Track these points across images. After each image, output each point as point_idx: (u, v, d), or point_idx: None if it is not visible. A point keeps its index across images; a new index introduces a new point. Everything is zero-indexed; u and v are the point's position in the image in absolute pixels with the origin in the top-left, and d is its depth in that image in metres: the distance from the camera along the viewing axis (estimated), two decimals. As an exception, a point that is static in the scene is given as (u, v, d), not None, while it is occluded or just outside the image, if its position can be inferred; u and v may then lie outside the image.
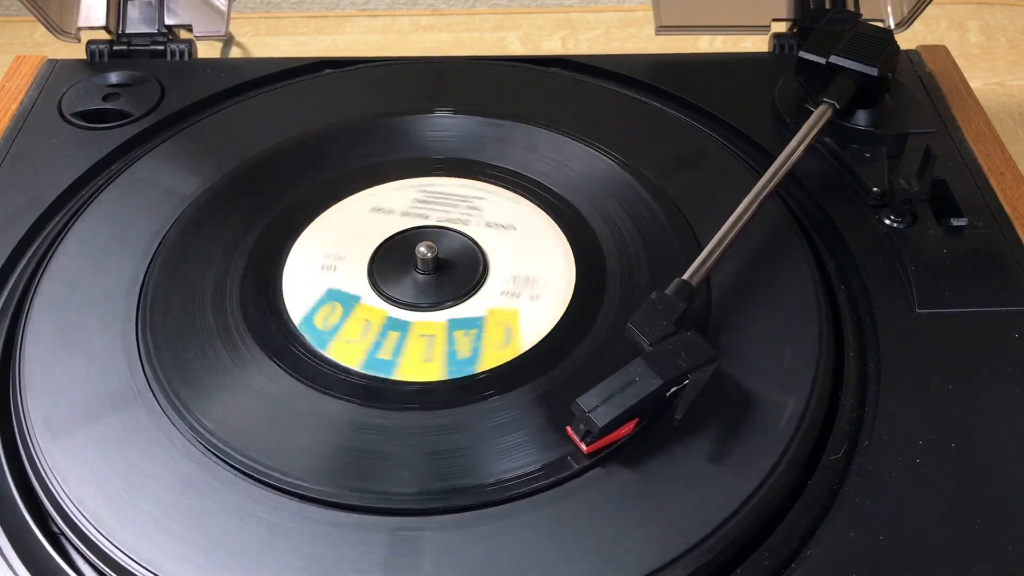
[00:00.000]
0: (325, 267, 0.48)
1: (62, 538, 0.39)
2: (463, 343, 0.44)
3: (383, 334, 0.45)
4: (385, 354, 0.44)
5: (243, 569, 0.36)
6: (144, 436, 0.40)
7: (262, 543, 0.37)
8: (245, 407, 0.41)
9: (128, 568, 0.36)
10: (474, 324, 0.45)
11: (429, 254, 0.47)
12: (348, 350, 0.44)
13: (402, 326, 0.45)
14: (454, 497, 0.38)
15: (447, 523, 0.37)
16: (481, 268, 0.48)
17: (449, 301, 0.46)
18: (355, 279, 0.47)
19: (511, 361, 0.43)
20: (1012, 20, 0.86)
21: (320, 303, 0.46)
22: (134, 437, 0.40)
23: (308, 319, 0.46)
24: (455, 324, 0.45)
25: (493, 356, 0.43)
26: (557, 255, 0.48)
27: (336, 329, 0.45)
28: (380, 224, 0.50)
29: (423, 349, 0.44)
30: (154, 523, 0.37)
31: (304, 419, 0.41)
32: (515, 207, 0.51)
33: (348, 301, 0.46)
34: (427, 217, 0.50)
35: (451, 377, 0.43)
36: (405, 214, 0.51)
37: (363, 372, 0.43)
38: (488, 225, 0.50)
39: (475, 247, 0.49)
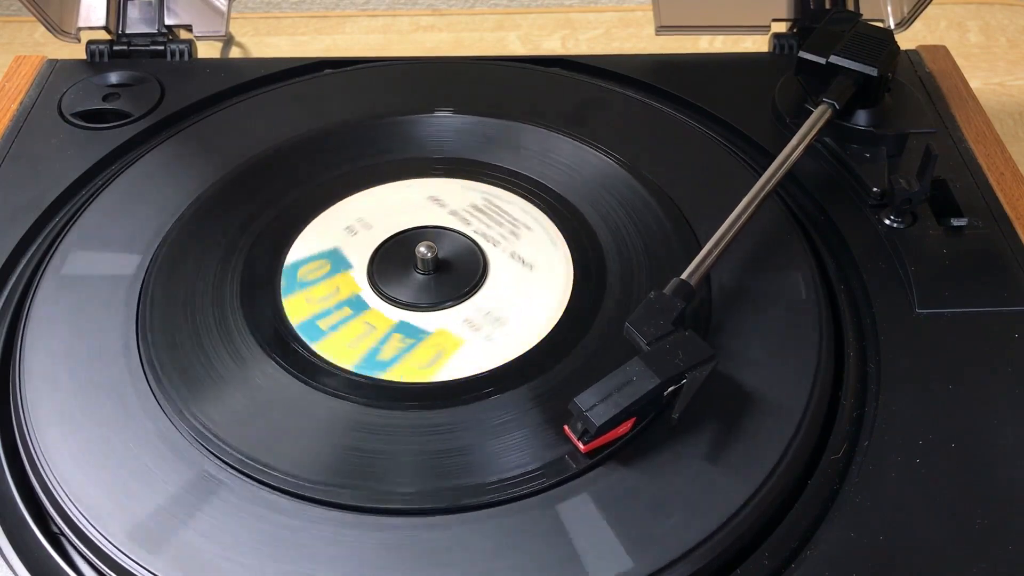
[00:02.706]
0: (349, 229, 0.49)
1: (61, 538, 0.39)
2: (391, 347, 0.44)
3: (339, 306, 0.46)
4: (323, 324, 0.45)
5: (244, 569, 0.36)
6: (144, 436, 0.40)
7: (263, 544, 0.37)
8: (245, 407, 0.41)
9: (127, 568, 0.36)
10: (416, 335, 0.45)
11: (429, 254, 0.47)
12: (301, 306, 0.46)
13: (359, 306, 0.46)
14: (452, 496, 0.38)
15: (446, 523, 0.37)
16: (480, 270, 0.48)
17: (449, 301, 0.46)
18: (361, 255, 0.48)
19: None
20: (1012, 20, 0.86)
21: (315, 257, 0.48)
22: (134, 437, 0.40)
23: (295, 266, 0.47)
24: (402, 327, 0.45)
25: (406, 371, 0.43)
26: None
27: (309, 284, 0.47)
28: (421, 214, 0.51)
29: (356, 335, 0.44)
30: (153, 523, 0.37)
31: (303, 419, 0.41)
32: (544, 230, 0.50)
33: (339, 264, 0.48)
34: (468, 224, 0.50)
35: (356, 371, 0.43)
36: (453, 213, 0.51)
37: (295, 332, 0.44)
38: (511, 255, 0.49)
39: (476, 249, 0.49)
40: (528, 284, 0.47)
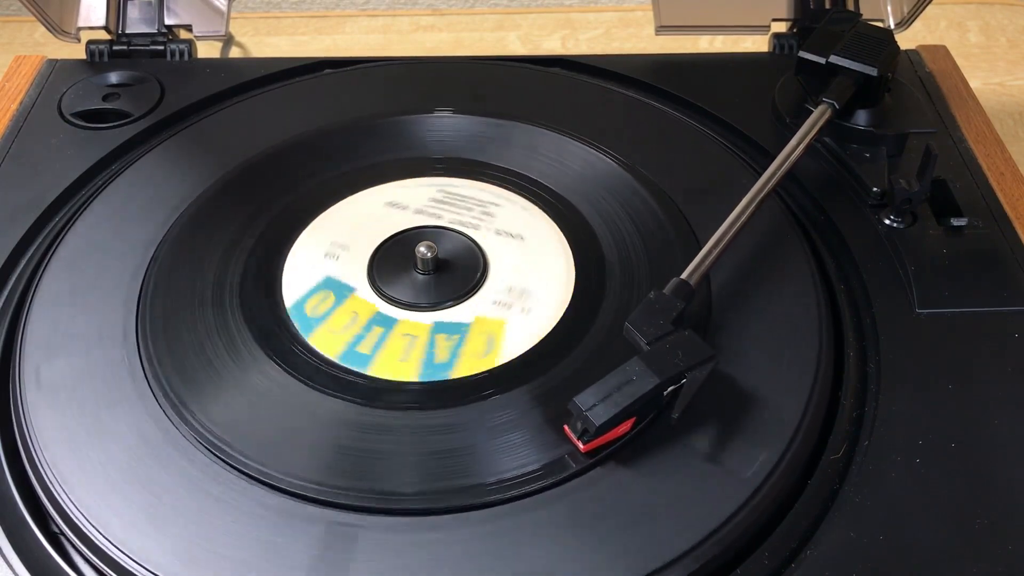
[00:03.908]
0: (328, 255, 0.48)
1: (61, 538, 0.39)
2: (443, 347, 0.44)
3: (368, 328, 0.45)
4: (364, 348, 0.44)
5: (243, 569, 0.36)
6: (144, 436, 0.40)
7: (262, 544, 0.37)
8: (247, 407, 0.41)
9: (127, 567, 0.36)
10: (458, 330, 0.45)
11: (429, 254, 0.47)
12: (330, 339, 0.44)
13: (388, 323, 0.45)
14: (453, 497, 0.38)
15: (446, 523, 0.37)
16: (481, 271, 0.48)
17: (448, 301, 0.46)
18: (355, 273, 0.48)
19: (508, 364, 0.43)
20: (1012, 20, 0.86)
21: (314, 291, 0.47)
22: (134, 437, 0.40)
23: (299, 304, 0.46)
24: (440, 327, 0.45)
25: (469, 364, 0.43)
26: (556, 254, 0.48)
27: (324, 317, 0.45)
28: (388, 221, 0.50)
29: (402, 348, 0.44)
30: (153, 522, 0.37)
31: (303, 419, 0.41)
32: (520, 207, 0.51)
33: (341, 291, 0.47)
34: (440, 217, 0.50)
35: (423, 380, 0.43)
36: (419, 212, 0.51)
37: (339, 363, 0.43)
38: (497, 232, 0.49)
39: (476, 249, 0.49)
40: (527, 255, 0.48)
